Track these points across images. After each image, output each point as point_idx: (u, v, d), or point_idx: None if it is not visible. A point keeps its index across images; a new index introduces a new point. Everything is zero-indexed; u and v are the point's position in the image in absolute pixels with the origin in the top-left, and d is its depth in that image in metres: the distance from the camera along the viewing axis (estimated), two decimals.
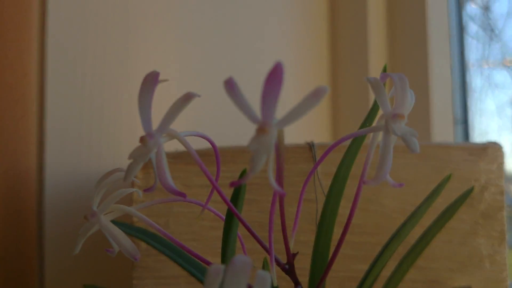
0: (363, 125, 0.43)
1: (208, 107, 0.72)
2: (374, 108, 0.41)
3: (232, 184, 0.28)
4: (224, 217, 0.39)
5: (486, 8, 1.48)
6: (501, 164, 0.54)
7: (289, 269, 0.36)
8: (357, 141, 0.47)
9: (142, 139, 0.30)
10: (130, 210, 0.36)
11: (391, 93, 0.30)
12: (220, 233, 0.55)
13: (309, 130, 0.93)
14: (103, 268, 0.58)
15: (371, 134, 0.33)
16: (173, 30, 0.71)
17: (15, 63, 0.54)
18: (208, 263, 0.38)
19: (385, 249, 0.45)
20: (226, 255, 0.36)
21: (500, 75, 1.53)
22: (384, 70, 0.43)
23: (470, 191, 0.48)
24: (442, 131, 1.00)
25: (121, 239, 0.36)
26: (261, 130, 0.26)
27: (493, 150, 0.54)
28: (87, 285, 0.50)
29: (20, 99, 0.54)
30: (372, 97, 0.97)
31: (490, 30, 1.47)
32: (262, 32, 0.86)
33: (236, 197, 0.35)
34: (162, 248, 0.47)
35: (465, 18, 1.35)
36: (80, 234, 0.36)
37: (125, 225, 0.46)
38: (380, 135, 0.33)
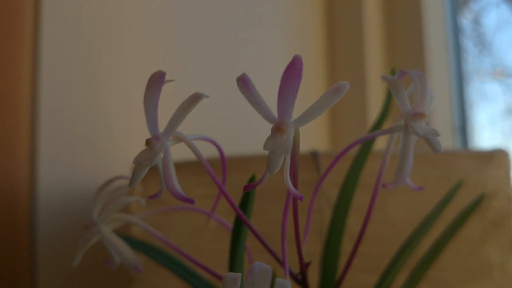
0: (373, 129, 0.42)
1: (202, 115, 0.71)
2: (385, 111, 0.39)
3: (246, 188, 0.26)
4: (230, 227, 0.37)
5: (476, 22, 1.49)
6: (508, 170, 0.53)
7: (302, 280, 0.34)
8: (364, 149, 0.46)
9: (148, 142, 0.28)
10: (133, 219, 0.35)
11: (409, 90, 0.29)
12: (221, 245, 0.53)
13: (307, 136, 0.92)
14: (99, 282, 0.56)
15: (388, 137, 0.31)
16: (169, 36, 0.70)
17: (8, 74, 0.52)
18: (217, 275, 0.36)
19: (397, 260, 0.43)
20: (234, 266, 0.34)
21: (491, 87, 1.54)
22: (392, 74, 0.42)
23: (481, 198, 0.47)
24: (442, 141, 0.99)
25: (123, 250, 0.34)
26: (279, 129, 0.24)
27: (499, 156, 0.53)
28: None
29: (12, 110, 0.52)
30: (370, 101, 0.96)
31: (480, 43, 1.48)
32: (258, 33, 0.85)
33: (245, 205, 0.33)
34: (163, 260, 0.45)
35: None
36: (79, 245, 0.34)
37: (122, 237, 0.44)
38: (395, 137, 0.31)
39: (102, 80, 0.61)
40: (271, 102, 0.25)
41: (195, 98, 0.28)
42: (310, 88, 0.93)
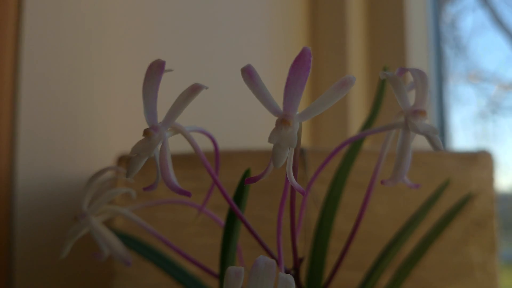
0: (365, 127, 0.42)
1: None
2: (375, 109, 0.39)
3: (248, 181, 0.26)
4: (222, 222, 0.37)
5: (453, 25, 1.50)
6: (491, 171, 0.53)
7: (295, 275, 0.34)
8: (354, 148, 0.46)
9: (146, 132, 0.27)
10: (123, 211, 0.34)
11: (409, 86, 0.29)
12: (205, 240, 0.53)
13: None
14: (79, 277, 0.55)
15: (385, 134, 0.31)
16: (152, 32, 0.68)
17: None
18: (206, 269, 0.36)
19: (382, 259, 0.44)
20: (226, 262, 0.34)
21: (465, 91, 1.56)
22: (384, 71, 0.42)
23: (467, 198, 0.47)
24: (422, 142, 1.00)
25: (113, 243, 0.33)
26: (284, 122, 0.24)
27: (483, 157, 0.54)
28: None
29: None
30: (351, 99, 0.96)
31: (456, 46, 1.50)
32: (241, 27, 0.84)
33: (239, 199, 0.32)
34: (147, 254, 0.44)
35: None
36: (68, 236, 0.33)
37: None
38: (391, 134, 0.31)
39: (83, 72, 0.60)
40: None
41: (195, 89, 0.28)
42: None
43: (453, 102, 1.44)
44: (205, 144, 0.52)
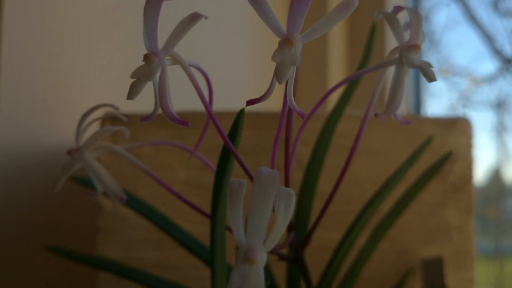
0: (359, 68, 0.43)
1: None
2: (368, 51, 0.40)
3: (249, 103, 0.26)
4: (213, 167, 0.37)
5: (426, 19, 1.53)
6: (469, 138, 0.55)
7: None
8: (337, 110, 0.47)
9: (146, 57, 0.28)
10: (117, 149, 0.34)
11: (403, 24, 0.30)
12: (191, 199, 0.53)
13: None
14: (63, 231, 0.54)
15: (379, 73, 0.32)
16: None
17: None
18: (200, 211, 0.36)
19: (359, 219, 0.45)
20: (218, 201, 0.34)
21: (436, 84, 1.59)
22: (373, 30, 0.43)
23: (446, 157, 0.48)
24: None
25: (105, 179, 0.34)
26: (287, 41, 0.24)
27: (462, 124, 0.55)
28: (49, 246, 0.46)
29: None
30: (330, 60, 0.97)
31: (429, 40, 1.53)
32: None
33: (233, 137, 0.33)
34: (134, 205, 0.45)
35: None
36: (62, 171, 0.33)
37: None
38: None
39: (66, 35, 0.59)
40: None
41: (194, 17, 0.28)
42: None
43: (425, 95, 1.47)
44: (194, 104, 0.52)
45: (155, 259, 0.51)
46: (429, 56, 1.52)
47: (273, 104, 0.92)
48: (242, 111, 0.34)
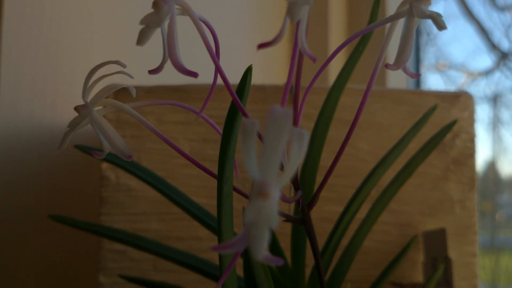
0: (355, 50, 0.43)
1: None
2: (375, 10, 0.40)
3: (260, 46, 0.26)
4: (220, 131, 0.37)
5: None
6: (472, 112, 0.55)
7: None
8: (340, 82, 0.46)
9: (155, 4, 0.28)
10: (125, 107, 0.34)
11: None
12: (195, 171, 0.53)
13: (271, 70, 0.92)
14: (67, 202, 0.54)
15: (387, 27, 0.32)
16: None
17: None
18: (214, 175, 0.36)
19: (359, 192, 0.45)
20: (225, 165, 0.34)
21: (434, 79, 1.60)
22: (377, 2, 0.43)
23: (447, 129, 0.48)
24: None
25: (113, 137, 0.33)
26: None
27: (465, 98, 0.55)
28: (52, 215, 0.46)
29: None
30: (331, 33, 0.97)
31: (426, 34, 1.53)
32: None
33: (242, 92, 0.33)
34: (139, 173, 0.45)
35: None
36: (69, 128, 0.33)
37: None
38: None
39: (67, 16, 0.59)
40: None
41: None
42: (271, 29, 0.94)
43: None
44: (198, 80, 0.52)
45: (159, 231, 0.51)
46: (426, 50, 1.52)
47: (276, 79, 0.92)
48: (250, 68, 0.34)
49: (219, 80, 0.47)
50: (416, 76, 0.31)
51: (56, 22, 0.57)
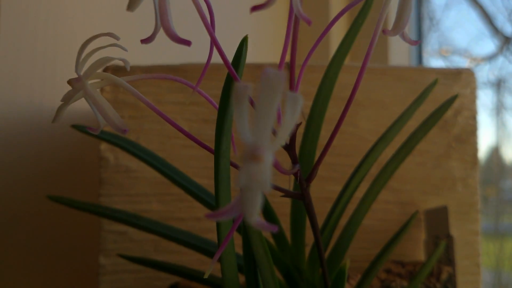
0: (357, 19, 0.42)
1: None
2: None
3: (253, 9, 0.26)
4: (216, 105, 0.37)
5: None
6: (474, 89, 0.55)
7: (290, 143, 0.34)
8: (338, 58, 0.46)
9: None
10: (119, 81, 0.33)
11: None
12: (193, 152, 0.52)
13: (268, 48, 0.91)
14: (66, 182, 0.54)
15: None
16: None
17: None
18: (211, 150, 0.35)
19: (359, 169, 0.44)
20: (221, 139, 0.34)
21: (437, 64, 1.58)
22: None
23: (448, 104, 0.48)
24: None
25: (107, 110, 0.33)
26: None
27: (467, 75, 0.55)
28: (50, 195, 0.46)
29: None
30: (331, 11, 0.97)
31: (429, 20, 1.52)
32: None
33: (237, 63, 0.32)
34: (139, 153, 0.44)
35: None
36: (62, 102, 0.32)
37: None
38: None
39: (64, 3, 0.58)
40: None
41: None
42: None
43: None
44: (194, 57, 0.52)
45: (159, 212, 0.51)
46: (429, 36, 1.51)
47: (277, 59, 0.91)
48: (245, 38, 0.34)
49: (219, 59, 0.47)
50: (416, 43, 0.31)
51: (53, 2, 0.57)
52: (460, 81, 0.54)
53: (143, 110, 0.51)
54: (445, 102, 0.47)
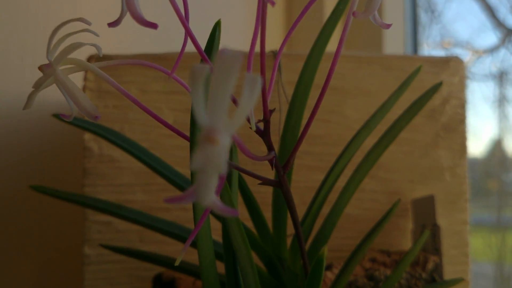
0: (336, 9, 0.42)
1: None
2: None
3: None
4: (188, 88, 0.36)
5: None
6: (462, 77, 0.54)
7: (264, 129, 0.33)
8: (318, 47, 0.45)
9: None
10: (90, 66, 0.33)
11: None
12: (178, 141, 0.52)
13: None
14: (51, 174, 0.54)
15: None
16: None
17: None
18: (187, 138, 0.35)
19: (340, 158, 0.44)
20: (196, 126, 0.33)
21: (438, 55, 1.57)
22: None
23: (432, 91, 0.47)
24: None
25: (78, 96, 0.33)
26: None
27: (455, 63, 0.54)
28: (33, 185, 0.46)
29: None
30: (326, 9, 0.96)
31: (430, 12, 1.51)
32: None
33: (210, 49, 0.32)
34: (122, 143, 0.44)
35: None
36: (34, 88, 0.32)
37: (81, 120, 0.42)
38: None
39: None
40: None
41: None
42: None
43: None
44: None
45: (144, 202, 0.51)
46: (431, 28, 1.50)
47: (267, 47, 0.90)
48: (218, 22, 0.33)
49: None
50: (387, 26, 0.30)
51: None
52: (449, 69, 0.54)
53: (127, 99, 0.51)
54: (429, 89, 0.46)
